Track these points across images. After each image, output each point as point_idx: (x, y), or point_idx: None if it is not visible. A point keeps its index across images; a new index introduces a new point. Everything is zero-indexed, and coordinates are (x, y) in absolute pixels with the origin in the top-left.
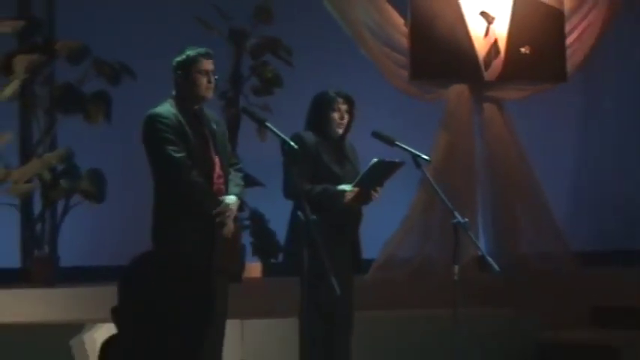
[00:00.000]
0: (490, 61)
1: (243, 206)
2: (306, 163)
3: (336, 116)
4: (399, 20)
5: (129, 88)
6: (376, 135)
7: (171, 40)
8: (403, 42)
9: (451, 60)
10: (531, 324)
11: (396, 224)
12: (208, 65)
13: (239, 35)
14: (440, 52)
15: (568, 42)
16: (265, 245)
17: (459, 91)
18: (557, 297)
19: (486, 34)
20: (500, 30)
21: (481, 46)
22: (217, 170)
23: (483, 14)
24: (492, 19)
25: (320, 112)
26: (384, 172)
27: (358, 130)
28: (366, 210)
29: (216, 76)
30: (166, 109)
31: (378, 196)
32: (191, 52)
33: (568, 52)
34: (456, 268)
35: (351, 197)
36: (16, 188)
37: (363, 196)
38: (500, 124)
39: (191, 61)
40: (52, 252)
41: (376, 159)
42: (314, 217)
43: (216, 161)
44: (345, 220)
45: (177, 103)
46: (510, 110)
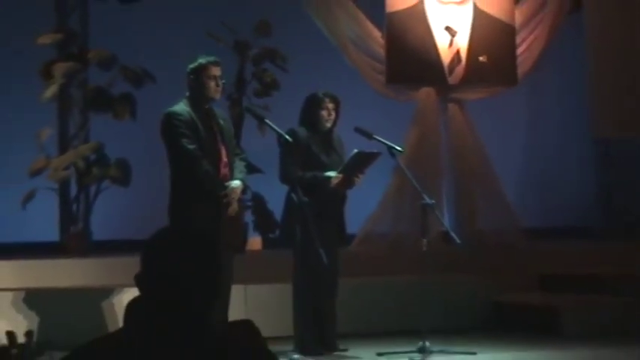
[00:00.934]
0: (453, 67)
1: (245, 190)
2: (298, 153)
3: (325, 114)
4: (377, 34)
5: (150, 91)
6: (358, 130)
7: (186, 50)
8: (380, 52)
9: (421, 67)
10: (488, 288)
11: (374, 205)
12: (216, 71)
13: (243, 46)
14: (411, 60)
15: (518, 52)
16: (265, 222)
17: (427, 93)
18: (509, 266)
19: (450, 45)
20: (462, 42)
21: (446, 56)
22: (224, 159)
23: (448, 29)
24: (455, 32)
25: (311, 111)
26: (364, 161)
27: (343, 125)
28: (349, 193)
29: (224, 81)
30: (181, 107)
31: (359, 181)
32: (202, 60)
33: (518, 61)
34: (424, 241)
35: (336, 182)
36: (55, 174)
37: (347, 181)
38: (462, 121)
39: (202, 68)
40: (86, 228)
41: (357, 150)
42: (305, 199)
43: (223, 152)
44: (331, 201)
45: (191, 102)
46: (470, 109)
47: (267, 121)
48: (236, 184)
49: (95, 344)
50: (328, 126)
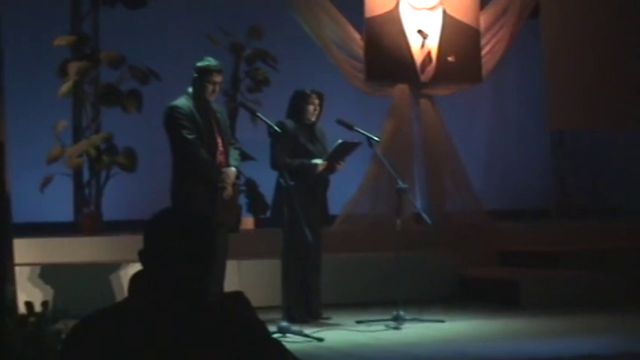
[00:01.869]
0: (425, 67)
1: (239, 175)
2: (287, 143)
3: (310, 108)
4: (357, 36)
5: (155, 87)
6: (340, 122)
7: (187, 51)
8: (360, 52)
9: (396, 66)
10: (455, 263)
11: (354, 188)
12: (217, 78)
13: (237, 48)
14: (387, 60)
15: (483, 53)
16: (257, 205)
17: (401, 90)
18: (474, 243)
19: (422, 46)
20: (433, 44)
21: (418, 56)
22: (220, 148)
23: (420, 32)
24: (426, 35)
25: (298, 105)
26: (346, 149)
27: (327, 117)
28: (332, 178)
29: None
30: (182, 102)
31: (341, 168)
32: (210, 64)
33: (483, 61)
34: (398, 221)
35: (321, 169)
36: (70, 162)
37: (331, 168)
38: (432, 115)
39: (206, 72)
40: (97, 209)
41: (341, 140)
42: (292, 184)
43: (220, 141)
44: (316, 185)
45: (191, 97)
46: (440, 104)
47: (258, 114)
48: (231, 170)
49: (102, 313)
50: (313, 119)
